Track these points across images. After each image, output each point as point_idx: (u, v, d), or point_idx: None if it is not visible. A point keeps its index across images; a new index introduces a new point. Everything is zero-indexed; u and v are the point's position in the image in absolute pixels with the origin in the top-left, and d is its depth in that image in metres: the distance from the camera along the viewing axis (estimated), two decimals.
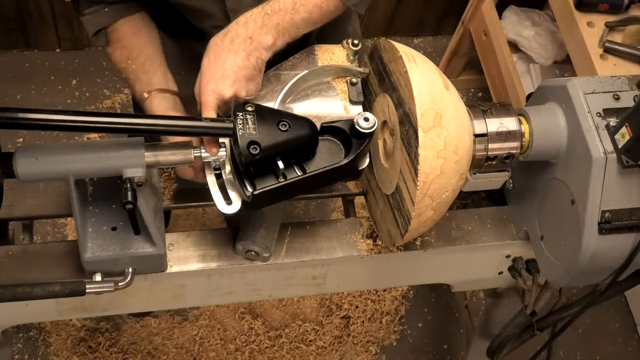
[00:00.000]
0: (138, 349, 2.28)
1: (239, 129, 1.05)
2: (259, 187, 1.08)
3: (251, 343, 2.34)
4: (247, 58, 1.14)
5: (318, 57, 1.27)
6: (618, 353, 2.54)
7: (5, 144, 1.44)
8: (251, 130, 1.05)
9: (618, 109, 1.15)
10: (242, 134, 1.05)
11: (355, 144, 1.13)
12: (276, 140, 1.07)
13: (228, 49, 1.14)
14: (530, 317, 1.46)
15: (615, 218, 1.13)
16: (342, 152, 1.15)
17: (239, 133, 1.05)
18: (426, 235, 1.35)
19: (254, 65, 1.14)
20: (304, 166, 1.12)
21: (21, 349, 2.24)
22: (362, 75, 1.25)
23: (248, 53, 1.14)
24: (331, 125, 1.15)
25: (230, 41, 1.14)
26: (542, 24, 2.60)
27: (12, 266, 1.23)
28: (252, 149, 1.05)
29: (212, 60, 1.14)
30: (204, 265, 1.28)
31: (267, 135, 1.06)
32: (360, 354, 2.38)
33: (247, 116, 1.07)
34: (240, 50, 1.14)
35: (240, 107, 1.08)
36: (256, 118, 1.07)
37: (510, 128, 1.18)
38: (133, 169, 1.10)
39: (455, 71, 2.87)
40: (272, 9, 1.16)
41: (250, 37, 1.14)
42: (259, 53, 1.15)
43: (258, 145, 1.05)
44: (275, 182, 1.09)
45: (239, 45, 1.14)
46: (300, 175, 1.10)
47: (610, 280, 1.22)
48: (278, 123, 1.08)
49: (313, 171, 1.11)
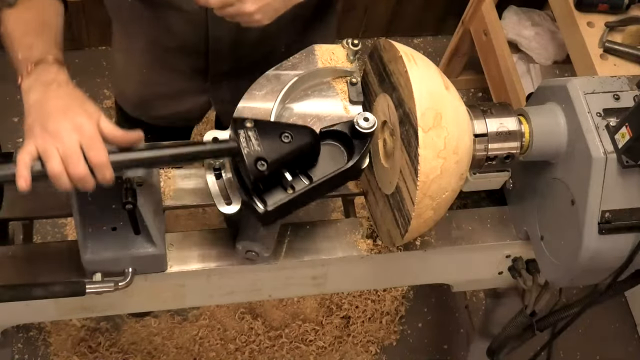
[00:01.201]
0: (138, 349, 2.28)
1: (243, 147, 1.04)
2: (271, 203, 1.07)
3: (251, 343, 2.34)
4: None
5: (318, 57, 1.27)
6: (618, 353, 2.54)
7: (5, 144, 1.44)
8: (255, 146, 1.04)
9: (618, 109, 1.15)
10: (247, 152, 1.03)
11: (357, 145, 1.13)
12: (281, 153, 1.06)
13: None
14: (530, 317, 1.46)
15: (615, 218, 1.13)
16: (343, 154, 1.15)
17: (244, 152, 1.03)
18: (426, 235, 1.35)
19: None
20: (309, 174, 1.11)
21: (21, 349, 2.24)
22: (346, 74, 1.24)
23: None
24: (330, 130, 1.15)
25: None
26: (542, 24, 2.60)
27: (12, 266, 1.23)
28: (259, 165, 1.04)
29: None
30: (204, 265, 1.28)
31: (272, 149, 1.05)
32: (360, 354, 2.38)
33: (248, 133, 1.05)
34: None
35: (240, 125, 1.06)
36: (258, 133, 1.05)
37: (510, 128, 1.18)
38: (133, 169, 1.10)
39: (455, 71, 2.87)
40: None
41: None
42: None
43: (265, 161, 1.04)
44: (285, 195, 1.08)
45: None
46: (309, 185, 1.10)
47: (610, 280, 1.22)
48: (280, 135, 1.07)
49: (320, 178, 1.11)
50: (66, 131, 0.95)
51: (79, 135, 0.95)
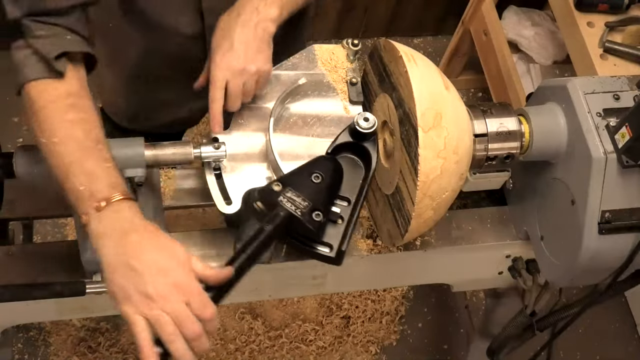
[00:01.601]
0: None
1: (294, 211, 1.03)
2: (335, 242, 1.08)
3: (251, 343, 2.34)
4: (254, 29, 1.14)
5: (318, 57, 1.27)
6: (618, 353, 2.54)
7: (5, 144, 1.44)
8: (300, 202, 1.04)
9: (618, 109, 1.15)
10: (300, 212, 1.03)
11: (369, 145, 1.15)
12: (323, 193, 1.07)
13: (235, 22, 1.15)
14: (530, 317, 1.46)
15: (615, 218, 1.13)
16: (357, 161, 1.16)
17: (297, 214, 1.03)
18: (426, 235, 1.35)
19: (261, 36, 1.15)
20: (343, 196, 1.12)
21: (21, 349, 2.24)
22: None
23: (255, 24, 1.15)
24: (337, 145, 1.16)
25: (237, 15, 1.16)
26: (542, 24, 2.59)
27: (12, 266, 1.23)
28: (315, 217, 1.04)
29: (220, 35, 1.16)
30: None
31: (314, 195, 1.06)
32: (360, 354, 2.38)
33: (286, 194, 1.04)
34: (248, 22, 1.14)
35: (273, 194, 1.04)
36: (292, 189, 1.05)
37: (510, 128, 1.18)
38: (133, 169, 1.10)
39: (455, 71, 2.87)
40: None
41: (257, 8, 1.15)
42: (266, 25, 1.16)
43: (318, 210, 1.04)
44: (340, 227, 1.09)
45: (245, 18, 1.15)
46: (352, 205, 1.11)
47: (610, 280, 1.22)
48: (311, 178, 1.07)
49: (359, 194, 1.12)
50: (171, 294, 0.88)
51: (182, 295, 0.89)
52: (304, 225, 1.03)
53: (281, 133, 1.22)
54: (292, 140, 1.22)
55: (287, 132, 1.22)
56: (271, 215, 1.03)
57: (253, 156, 1.20)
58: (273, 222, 1.02)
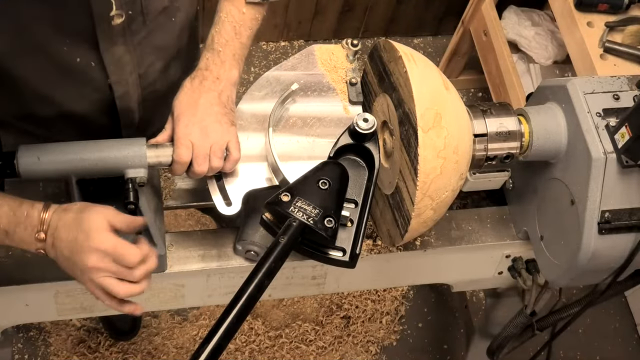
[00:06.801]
0: (138, 349, 2.28)
1: (306, 220, 1.03)
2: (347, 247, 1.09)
3: (251, 343, 2.34)
4: (218, 97, 1.16)
5: (317, 57, 1.28)
6: (618, 353, 2.54)
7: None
8: (311, 210, 1.04)
9: (618, 109, 1.15)
10: (312, 221, 1.03)
11: (371, 145, 1.15)
12: (332, 199, 1.07)
13: (199, 89, 1.15)
14: (530, 317, 1.47)
15: (615, 218, 1.13)
16: (360, 163, 1.16)
17: (310, 223, 1.03)
18: (426, 235, 1.35)
19: (225, 102, 1.16)
20: (349, 199, 1.12)
21: (21, 349, 2.24)
22: None
23: (219, 92, 1.16)
24: (340, 148, 1.16)
25: (200, 83, 1.16)
26: (542, 24, 2.59)
27: (12, 266, 1.23)
28: (327, 223, 1.04)
29: (184, 101, 1.15)
30: (204, 265, 1.28)
31: (324, 202, 1.05)
32: (360, 354, 2.38)
33: (296, 204, 1.04)
34: (211, 90, 1.15)
35: (282, 205, 1.04)
36: (302, 198, 1.05)
37: (510, 128, 1.18)
38: (135, 170, 1.10)
39: (455, 71, 2.87)
40: (219, 44, 1.18)
41: (217, 77, 1.17)
42: (229, 92, 1.17)
43: (328, 216, 1.04)
44: (351, 230, 1.10)
45: (209, 86, 1.16)
46: (359, 206, 1.12)
47: (610, 280, 1.22)
48: (317, 184, 1.07)
49: (366, 196, 1.13)
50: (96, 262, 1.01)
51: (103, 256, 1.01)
52: (317, 233, 1.03)
53: (281, 134, 1.22)
54: (291, 140, 1.22)
55: (287, 133, 1.22)
56: (284, 227, 1.02)
57: (253, 157, 1.20)
58: (287, 234, 1.01)
